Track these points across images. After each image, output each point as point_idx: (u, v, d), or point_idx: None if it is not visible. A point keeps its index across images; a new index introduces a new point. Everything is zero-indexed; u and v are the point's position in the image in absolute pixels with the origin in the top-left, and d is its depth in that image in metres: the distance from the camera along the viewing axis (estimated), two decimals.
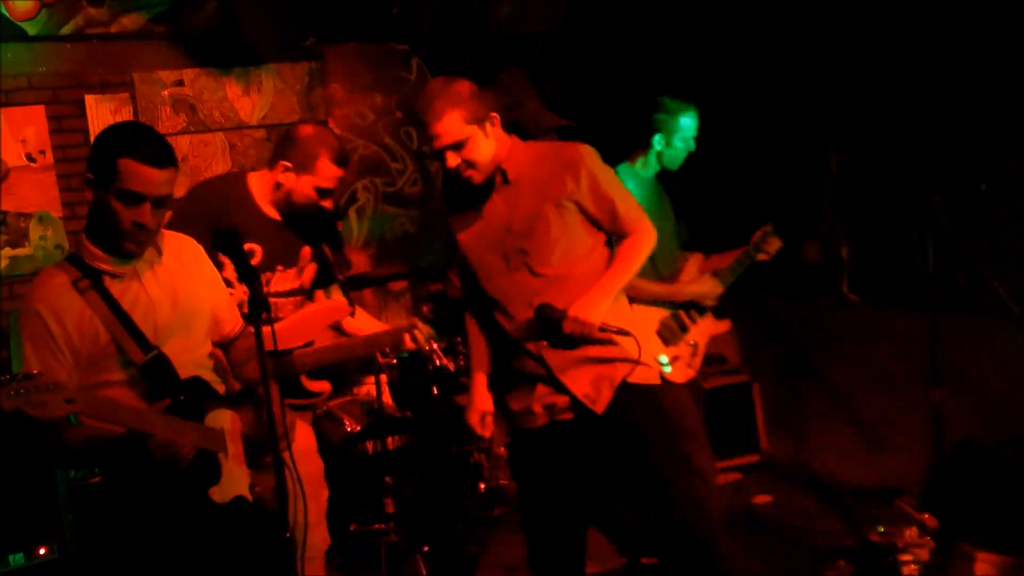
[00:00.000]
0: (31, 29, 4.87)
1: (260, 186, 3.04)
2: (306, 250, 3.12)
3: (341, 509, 4.00)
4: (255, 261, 2.97)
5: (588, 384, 2.75)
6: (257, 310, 2.17)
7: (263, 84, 5.41)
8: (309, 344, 3.08)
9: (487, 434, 2.96)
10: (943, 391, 3.42)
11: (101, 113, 5.03)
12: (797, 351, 4.73)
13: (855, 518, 4.11)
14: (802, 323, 4.70)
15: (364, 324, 3.32)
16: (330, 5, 5.37)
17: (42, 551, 3.51)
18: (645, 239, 2.78)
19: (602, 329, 2.67)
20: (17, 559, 3.48)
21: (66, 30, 4.94)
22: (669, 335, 3.64)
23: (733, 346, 4.98)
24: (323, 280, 3.21)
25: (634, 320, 2.90)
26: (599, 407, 2.74)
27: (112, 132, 2.40)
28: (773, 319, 4.84)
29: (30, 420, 2.14)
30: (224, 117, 5.33)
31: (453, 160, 2.64)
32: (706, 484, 2.85)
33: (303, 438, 3.19)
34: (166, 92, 5.19)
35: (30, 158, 4.91)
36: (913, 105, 3.86)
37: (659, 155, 3.75)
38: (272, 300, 3.04)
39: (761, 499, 4.50)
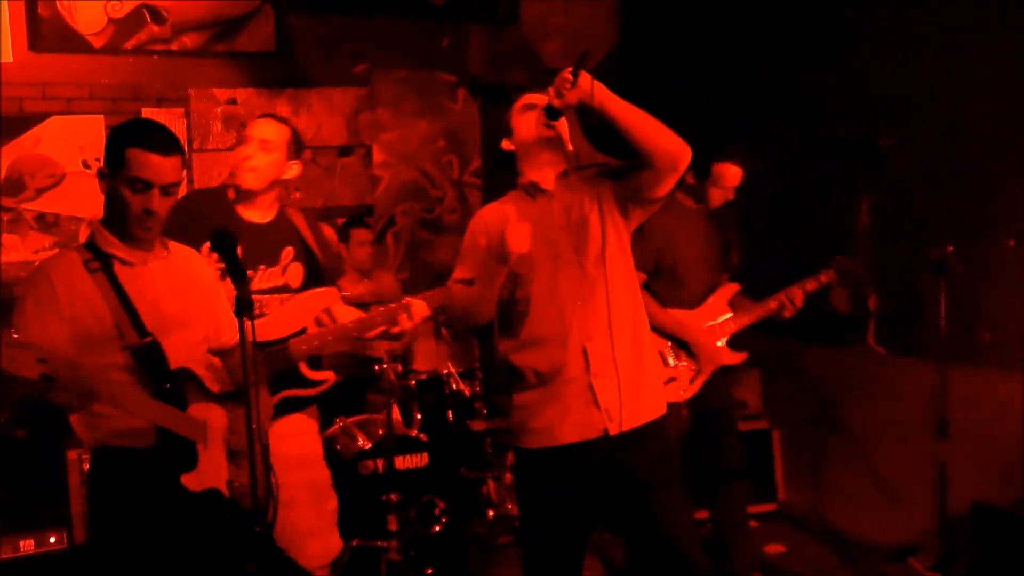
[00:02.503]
0: (96, 42, 5.11)
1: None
2: (288, 250, 3.20)
3: (347, 523, 4.05)
4: None
5: (615, 399, 2.72)
6: (242, 309, 2.24)
7: (312, 106, 5.58)
8: (302, 332, 3.11)
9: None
10: (951, 446, 3.34)
11: None
12: (820, 400, 4.66)
13: (865, 573, 4.02)
14: (827, 372, 4.63)
15: (351, 313, 3.32)
16: (381, 33, 5.52)
17: (51, 539, 3.62)
18: None
19: None
20: (27, 546, 3.60)
21: (129, 45, 5.18)
22: (673, 355, 3.64)
23: (755, 392, 4.92)
24: (314, 281, 3.26)
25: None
26: (614, 428, 2.70)
27: (120, 126, 2.53)
28: (798, 367, 4.78)
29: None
30: None
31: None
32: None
33: (301, 445, 3.22)
34: (219, 109, 5.38)
35: (86, 165, 5.12)
36: (937, 155, 3.83)
37: (693, 190, 3.79)
38: (257, 297, 3.07)
39: (773, 548, 4.42)
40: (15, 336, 2.12)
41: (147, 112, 5.22)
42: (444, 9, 5.56)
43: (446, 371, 4.59)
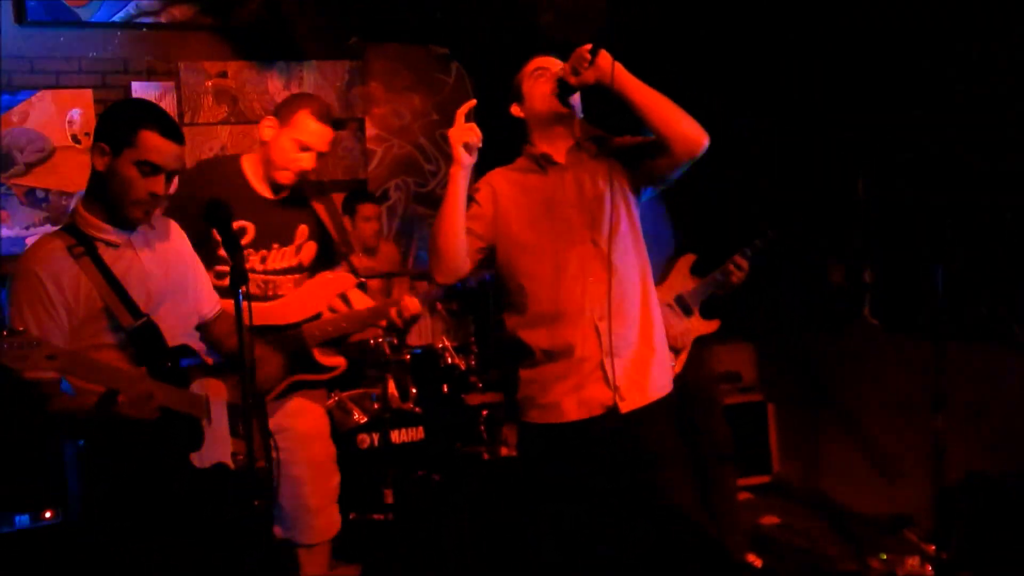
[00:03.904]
0: (85, 15, 5.05)
1: (253, 166, 3.07)
2: (303, 228, 3.14)
3: (343, 497, 4.06)
4: (247, 239, 3.00)
5: (627, 378, 2.69)
6: (237, 281, 2.22)
7: (304, 79, 5.53)
8: (316, 317, 3.12)
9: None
10: (946, 419, 3.35)
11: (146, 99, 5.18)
12: (815, 373, 4.67)
13: (860, 544, 4.04)
14: (822, 345, 4.64)
15: (365, 300, 3.30)
16: (374, 5, 5.47)
17: (47, 514, 3.60)
18: None
19: None
20: (22, 521, 3.58)
21: (118, 17, 5.12)
22: None
23: (750, 364, 4.93)
24: (326, 260, 3.22)
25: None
26: (625, 407, 2.68)
27: (130, 105, 2.50)
28: (794, 340, 4.79)
29: (20, 382, 2.27)
30: (264, 109, 5.44)
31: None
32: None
33: (313, 421, 3.22)
34: (210, 83, 5.33)
35: (75, 139, 5.07)
36: (936, 132, 3.81)
37: None
38: (270, 277, 3.08)
39: (768, 520, 4.44)
40: (23, 332, 2.10)
41: (137, 85, 5.18)
42: None
43: (441, 345, 4.58)
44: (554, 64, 2.74)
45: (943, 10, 3.69)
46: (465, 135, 2.55)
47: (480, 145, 2.58)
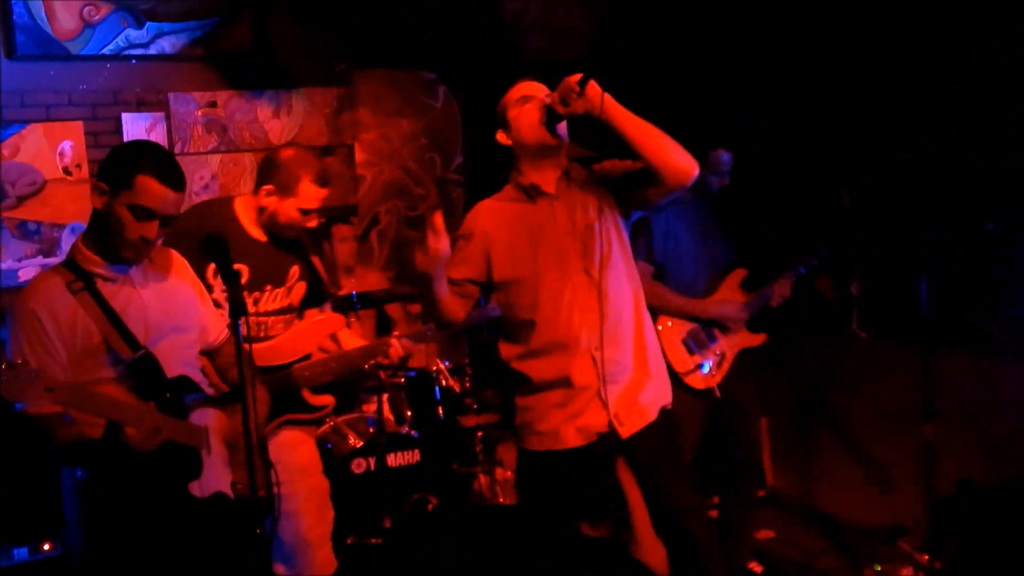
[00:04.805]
0: (74, 48, 5.08)
1: (245, 209, 3.11)
2: (294, 269, 3.18)
3: (340, 522, 4.07)
4: (242, 282, 3.02)
5: (625, 405, 2.72)
6: (236, 311, 2.25)
7: (293, 107, 5.57)
8: (306, 357, 3.16)
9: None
10: (937, 428, 3.39)
11: (136, 130, 5.20)
12: (806, 386, 4.70)
13: (855, 555, 4.07)
14: (812, 358, 4.67)
15: (354, 340, 3.39)
16: (361, 31, 5.52)
17: (46, 547, 3.61)
18: None
19: None
20: (21, 554, 3.59)
21: (107, 50, 5.15)
22: (695, 344, 3.67)
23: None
24: (315, 298, 3.28)
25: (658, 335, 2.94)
26: (624, 432, 2.71)
27: (134, 147, 2.54)
28: (784, 354, 4.81)
29: (24, 417, 2.30)
30: (254, 138, 5.49)
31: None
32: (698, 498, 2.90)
33: (304, 454, 3.25)
34: (199, 112, 5.37)
35: (67, 171, 5.09)
36: (921, 143, 3.86)
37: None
38: (262, 319, 3.11)
39: (763, 534, 4.46)
40: (19, 364, 2.12)
41: (127, 117, 5.20)
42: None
43: (435, 368, 4.61)
44: (538, 89, 2.76)
45: (943, 10, 3.72)
46: (432, 262, 2.57)
47: (449, 253, 2.61)
